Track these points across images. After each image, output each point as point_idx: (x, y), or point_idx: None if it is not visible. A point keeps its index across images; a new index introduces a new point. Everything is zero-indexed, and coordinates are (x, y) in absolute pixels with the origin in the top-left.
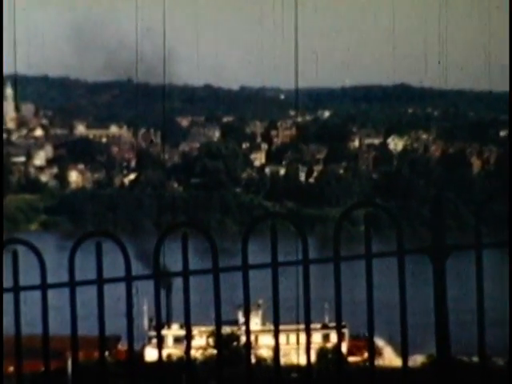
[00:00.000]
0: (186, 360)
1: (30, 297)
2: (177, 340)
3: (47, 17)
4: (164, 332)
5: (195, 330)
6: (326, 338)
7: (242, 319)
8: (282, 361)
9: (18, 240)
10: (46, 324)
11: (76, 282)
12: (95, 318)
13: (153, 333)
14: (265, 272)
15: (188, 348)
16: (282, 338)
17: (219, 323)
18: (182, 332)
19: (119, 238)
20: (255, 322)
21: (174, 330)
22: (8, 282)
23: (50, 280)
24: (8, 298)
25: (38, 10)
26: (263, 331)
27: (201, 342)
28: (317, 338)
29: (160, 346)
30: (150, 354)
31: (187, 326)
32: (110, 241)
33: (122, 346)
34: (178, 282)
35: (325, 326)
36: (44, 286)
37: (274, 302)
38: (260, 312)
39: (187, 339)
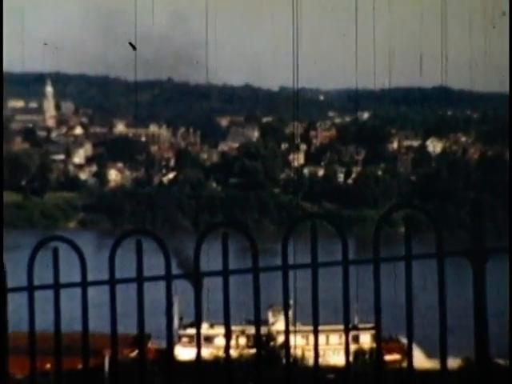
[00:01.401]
0: (225, 359)
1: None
2: (206, 339)
3: (87, 15)
4: (193, 331)
5: (222, 329)
6: (355, 339)
7: (271, 319)
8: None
9: (60, 237)
10: (86, 322)
11: (116, 279)
12: (125, 317)
13: (183, 331)
14: (294, 272)
15: (227, 348)
16: (312, 338)
17: (258, 323)
18: (212, 331)
19: (160, 237)
20: (284, 322)
21: (203, 330)
22: (40, 279)
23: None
24: (46, 295)
25: (78, 9)
26: (292, 332)
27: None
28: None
29: (199, 345)
30: (180, 353)
31: (226, 325)
32: (145, 240)
33: (152, 345)
34: (207, 282)
35: (354, 327)
36: (84, 284)
37: (313, 303)
38: (289, 312)
39: (226, 339)
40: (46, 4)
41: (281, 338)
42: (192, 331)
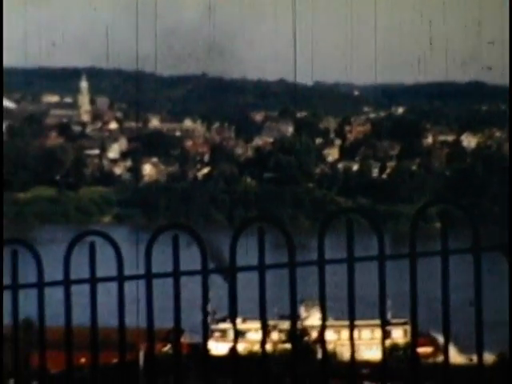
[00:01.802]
0: (262, 354)
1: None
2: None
3: (120, 9)
4: (225, 326)
5: (256, 324)
6: (387, 334)
7: (304, 314)
8: (347, 356)
9: (96, 232)
10: (123, 316)
11: (153, 274)
12: (156, 311)
13: (215, 326)
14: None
15: (263, 342)
16: (344, 333)
17: (295, 318)
18: (244, 326)
19: (197, 232)
20: (316, 317)
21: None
22: (75, 274)
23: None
24: (81, 289)
25: (110, 3)
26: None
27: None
28: (378, 334)
29: (236, 341)
30: (212, 348)
31: (263, 320)
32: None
33: (185, 339)
34: (239, 276)
35: (388, 323)
36: (121, 278)
37: (349, 298)
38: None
39: (263, 334)
40: (83, 2)
41: (313, 333)
42: (224, 326)
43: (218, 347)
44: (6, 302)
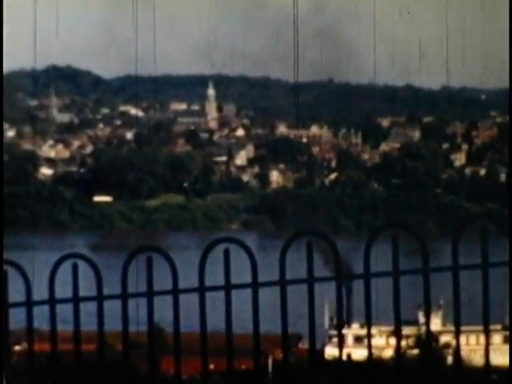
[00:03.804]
0: (396, 360)
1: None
2: (357, 339)
3: (246, 15)
4: (344, 331)
5: (375, 330)
6: (505, 339)
7: (422, 319)
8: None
9: (230, 239)
10: (257, 323)
11: (287, 280)
12: (275, 318)
13: (333, 332)
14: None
15: (398, 349)
16: (463, 338)
17: (429, 324)
18: (362, 331)
19: (331, 238)
20: (435, 323)
21: (354, 330)
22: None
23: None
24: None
25: (235, 9)
26: (444, 332)
27: (380, 342)
28: (497, 339)
29: (370, 346)
30: (330, 353)
31: (397, 326)
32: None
33: (303, 345)
34: (359, 283)
35: (505, 328)
36: (255, 285)
37: (484, 304)
38: (440, 312)
39: (397, 339)
40: (204, 8)
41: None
42: (343, 331)
43: (334, 352)
44: (141, 309)
